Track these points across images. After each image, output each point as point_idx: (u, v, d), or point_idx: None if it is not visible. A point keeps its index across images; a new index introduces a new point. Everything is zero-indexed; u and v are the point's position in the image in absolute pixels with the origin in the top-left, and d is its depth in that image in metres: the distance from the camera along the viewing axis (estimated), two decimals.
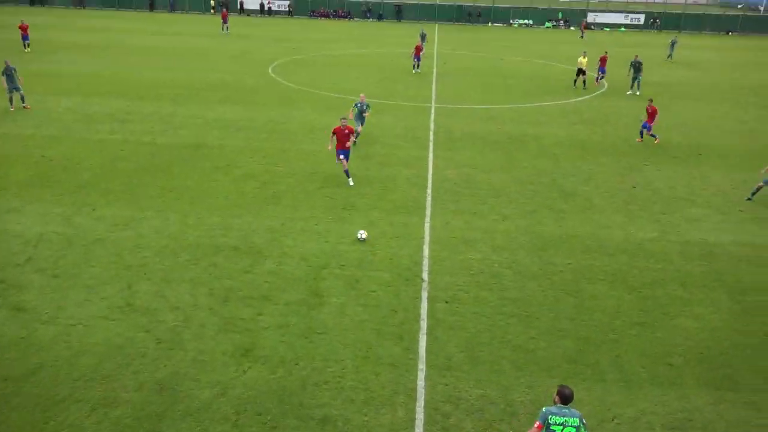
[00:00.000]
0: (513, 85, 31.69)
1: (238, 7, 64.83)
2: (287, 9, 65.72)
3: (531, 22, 64.61)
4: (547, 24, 64.18)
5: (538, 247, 13.49)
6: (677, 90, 31.72)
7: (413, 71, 34.07)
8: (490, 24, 64.24)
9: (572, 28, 63.39)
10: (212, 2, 64.05)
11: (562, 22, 64.39)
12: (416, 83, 31.35)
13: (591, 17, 63.87)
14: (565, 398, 6.70)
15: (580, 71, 30.55)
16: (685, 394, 9.07)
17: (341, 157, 16.42)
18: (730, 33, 62.97)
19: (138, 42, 42.12)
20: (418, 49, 33.84)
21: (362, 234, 13.49)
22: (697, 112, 27.05)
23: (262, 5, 65.57)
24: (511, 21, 64.62)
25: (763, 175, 16.26)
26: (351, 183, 16.59)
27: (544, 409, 6.71)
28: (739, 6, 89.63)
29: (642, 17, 65.00)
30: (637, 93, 29.36)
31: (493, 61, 39.98)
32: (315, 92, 28.21)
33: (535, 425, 6.61)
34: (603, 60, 31.36)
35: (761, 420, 8.59)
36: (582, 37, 53.41)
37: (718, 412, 8.72)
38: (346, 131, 16.23)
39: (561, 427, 6.56)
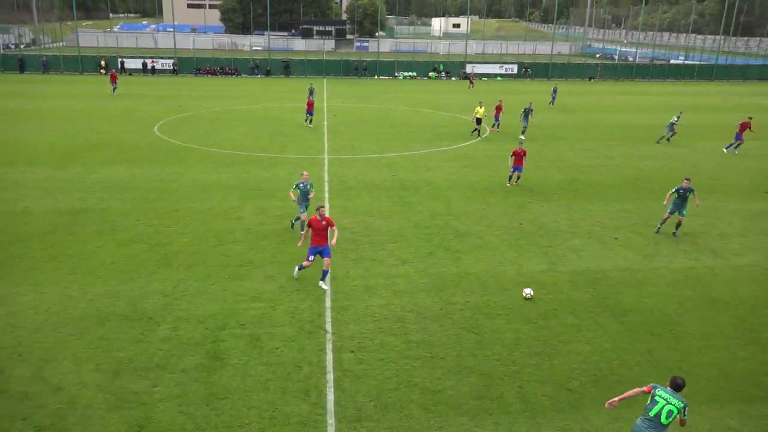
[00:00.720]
0: (403, 134, 32.83)
1: (119, 66, 62.84)
2: (172, 67, 64.57)
3: (415, 74, 67.80)
4: (432, 75, 67.60)
5: (437, 288, 13.79)
6: (553, 132, 34.29)
7: (305, 124, 34.36)
8: (376, 77, 66.67)
9: (453, 78, 67.22)
10: (102, 62, 61.95)
11: (444, 73, 68.12)
12: (308, 136, 31.65)
13: (469, 68, 68.12)
14: (676, 386, 7.78)
15: (478, 120, 32.11)
16: (585, 416, 9.47)
17: (311, 257, 13.30)
18: (591, 79, 69.52)
19: (6, 106, 39.41)
20: (310, 104, 34.29)
21: (529, 292, 13.33)
22: (571, 150, 29.32)
23: (144, 64, 63.98)
24: (396, 73, 67.46)
25: (666, 206, 17.67)
26: (296, 275, 13.93)
27: (657, 385, 7.84)
28: (597, 56, 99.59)
29: (515, 67, 70.30)
30: (521, 137, 31.29)
31: (382, 111, 41.33)
32: (204, 149, 27.64)
33: (646, 387, 7.86)
34: (498, 108, 33.40)
35: None
36: (471, 87, 56.69)
37: (616, 429, 9.17)
38: (324, 223, 13.12)
39: (664, 402, 7.59)
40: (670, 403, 7.55)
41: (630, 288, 14.07)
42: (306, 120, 34.36)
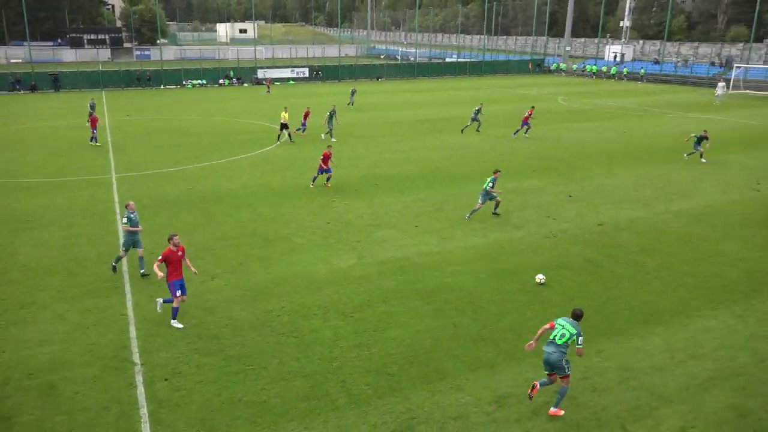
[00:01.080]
0: (198, 144, 31.41)
1: None
2: None
3: (205, 81, 65.27)
4: (226, 82, 65.66)
5: (251, 298, 13.47)
6: (349, 131, 35.44)
7: (90, 143, 30.99)
8: (162, 87, 62.85)
9: (246, 84, 66.08)
10: None
11: (235, 79, 66.60)
12: (91, 156, 28.74)
13: (261, 73, 67.53)
14: (575, 316, 9.38)
15: (284, 125, 31.68)
16: (406, 396, 9.98)
17: (179, 294, 12.01)
18: (379, 79, 73.37)
19: None
20: (94, 121, 30.99)
21: (541, 278, 14.14)
22: (366, 148, 30.61)
23: None
24: (184, 82, 64.29)
25: (481, 199, 18.93)
26: (180, 325, 12.16)
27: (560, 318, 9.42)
28: (382, 57, 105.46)
29: (306, 70, 71.30)
30: (333, 140, 31.78)
31: (173, 122, 39.09)
32: None
33: (548, 323, 9.44)
34: (306, 114, 33.49)
35: (467, 398, 9.95)
36: (268, 92, 56.03)
37: (434, 402, 9.82)
38: (180, 253, 12.15)
39: (561, 327, 9.25)
40: (565, 328, 9.21)
41: (433, 270, 15.15)
42: (91, 139, 31.00)
